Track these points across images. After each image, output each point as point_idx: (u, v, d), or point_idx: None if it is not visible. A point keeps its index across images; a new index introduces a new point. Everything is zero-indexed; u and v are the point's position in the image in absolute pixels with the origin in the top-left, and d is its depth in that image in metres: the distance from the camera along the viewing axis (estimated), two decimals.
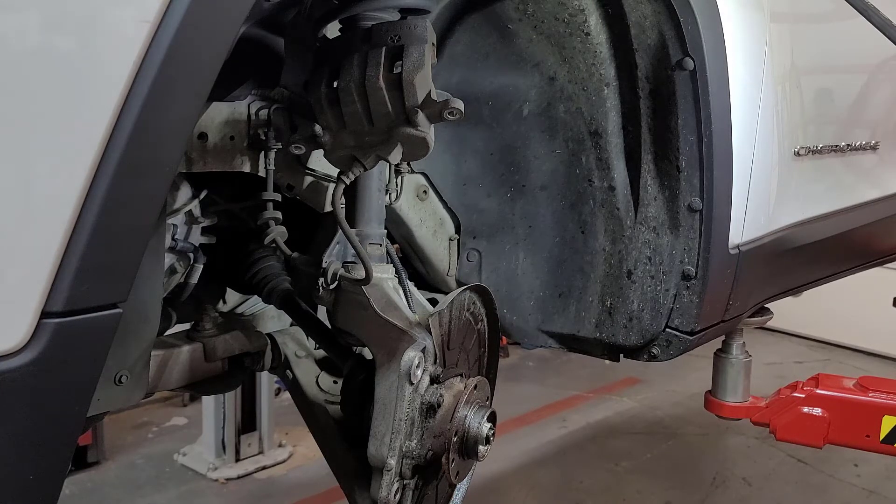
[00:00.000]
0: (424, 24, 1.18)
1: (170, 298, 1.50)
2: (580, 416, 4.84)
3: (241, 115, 1.43)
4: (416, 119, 1.19)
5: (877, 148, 2.41)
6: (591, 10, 1.66)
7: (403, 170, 1.78)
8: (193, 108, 0.87)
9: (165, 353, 1.46)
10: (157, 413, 4.74)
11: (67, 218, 0.77)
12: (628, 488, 3.91)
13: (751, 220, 1.82)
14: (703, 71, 1.58)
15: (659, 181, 1.73)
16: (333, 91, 1.24)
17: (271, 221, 1.47)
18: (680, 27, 1.57)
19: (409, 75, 1.16)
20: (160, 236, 1.30)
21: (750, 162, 1.78)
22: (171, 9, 0.80)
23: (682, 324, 1.75)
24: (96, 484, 3.90)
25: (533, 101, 1.82)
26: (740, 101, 1.70)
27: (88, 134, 0.77)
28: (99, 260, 0.80)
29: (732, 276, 1.80)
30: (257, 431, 4.21)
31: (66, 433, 0.84)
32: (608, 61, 1.72)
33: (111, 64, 0.78)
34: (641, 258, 1.78)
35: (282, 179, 1.53)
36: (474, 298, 1.42)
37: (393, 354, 1.28)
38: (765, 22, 1.84)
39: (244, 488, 3.94)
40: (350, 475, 1.49)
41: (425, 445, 1.26)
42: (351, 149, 1.28)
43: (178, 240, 1.43)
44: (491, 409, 1.31)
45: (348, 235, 1.29)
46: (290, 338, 1.72)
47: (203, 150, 1.38)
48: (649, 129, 1.72)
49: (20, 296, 0.76)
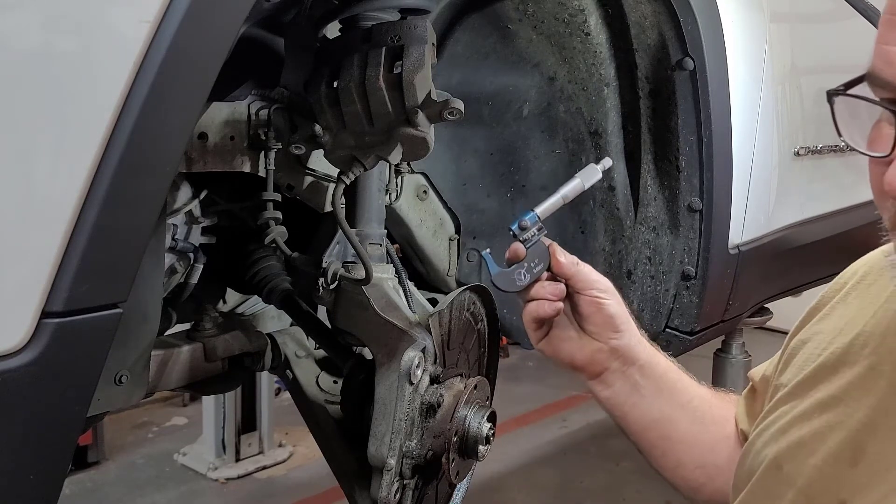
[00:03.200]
0: (424, 24, 1.18)
1: (170, 298, 1.50)
2: (580, 416, 4.84)
3: (241, 115, 1.43)
4: (416, 119, 1.19)
5: None
6: (591, 10, 1.66)
7: (403, 170, 1.78)
8: (193, 108, 0.87)
9: (165, 353, 1.46)
10: (157, 413, 4.74)
11: (67, 218, 0.77)
12: (628, 488, 3.91)
13: (751, 219, 1.82)
14: (703, 71, 1.58)
15: (659, 181, 1.73)
16: (333, 91, 1.24)
17: (271, 221, 1.47)
18: (680, 27, 1.57)
19: (409, 75, 1.16)
20: (160, 236, 1.30)
21: (750, 162, 1.78)
22: (170, 9, 0.79)
23: (681, 324, 1.75)
24: (96, 484, 3.90)
25: (533, 101, 1.82)
26: (740, 101, 1.70)
27: (88, 134, 0.77)
28: (99, 260, 0.80)
29: (732, 276, 1.80)
30: (257, 431, 4.21)
31: (66, 433, 0.84)
32: (608, 61, 1.72)
33: (111, 64, 0.78)
34: (641, 258, 1.78)
35: (282, 179, 1.53)
36: (474, 298, 1.42)
37: (393, 354, 1.28)
38: (765, 22, 1.84)
39: (244, 488, 3.94)
40: (350, 475, 1.49)
41: (425, 445, 1.27)
42: (351, 149, 1.28)
43: (178, 240, 1.43)
44: (491, 409, 1.31)
45: (348, 235, 1.29)
46: (290, 338, 1.71)
47: (203, 150, 1.38)
48: (649, 129, 1.72)
49: (20, 296, 0.76)
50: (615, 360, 1.14)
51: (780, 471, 0.89)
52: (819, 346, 0.95)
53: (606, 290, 1.13)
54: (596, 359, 1.14)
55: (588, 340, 1.14)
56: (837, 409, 0.86)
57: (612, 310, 1.12)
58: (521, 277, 1.12)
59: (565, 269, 1.11)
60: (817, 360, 0.93)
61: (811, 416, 0.89)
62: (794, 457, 0.88)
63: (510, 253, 1.12)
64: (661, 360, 1.17)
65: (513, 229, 1.14)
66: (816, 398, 0.90)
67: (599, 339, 1.13)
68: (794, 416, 0.91)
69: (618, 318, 1.12)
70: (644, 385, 1.14)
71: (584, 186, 1.20)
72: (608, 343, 1.13)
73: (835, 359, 0.91)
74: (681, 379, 1.17)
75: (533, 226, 1.13)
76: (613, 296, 1.14)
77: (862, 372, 0.87)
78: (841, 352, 0.91)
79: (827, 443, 0.85)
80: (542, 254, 1.13)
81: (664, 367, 1.16)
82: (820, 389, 0.90)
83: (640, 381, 1.14)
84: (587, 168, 1.21)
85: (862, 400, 0.85)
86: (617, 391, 1.15)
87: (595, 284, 1.12)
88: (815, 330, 1.00)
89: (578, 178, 1.20)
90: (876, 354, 0.87)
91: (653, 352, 1.17)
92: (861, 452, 0.81)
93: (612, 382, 1.15)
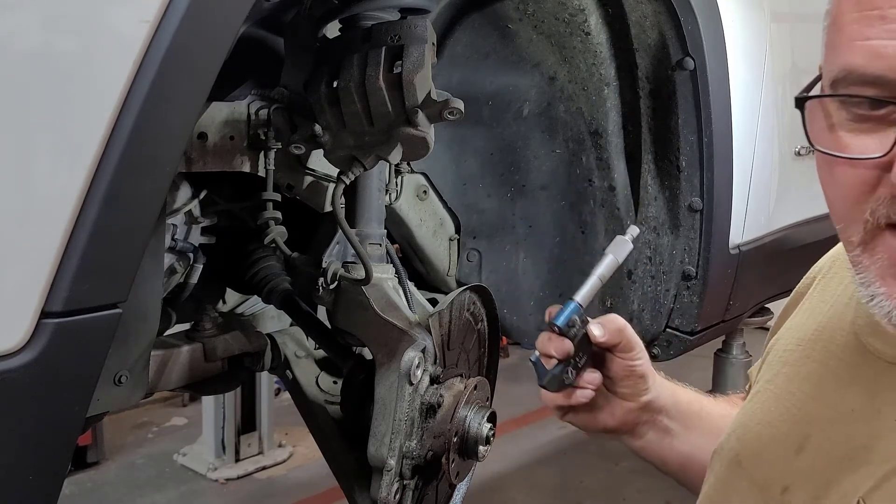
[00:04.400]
0: (424, 24, 1.18)
1: (169, 298, 1.49)
2: None
3: (240, 115, 1.43)
4: (416, 119, 1.19)
5: None
6: (591, 10, 1.66)
7: (403, 170, 1.78)
8: (193, 108, 0.87)
9: (165, 353, 1.46)
10: (157, 413, 4.74)
11: (67, 218, 0.77)
12: (628, 488, 3.91)
13: (751, 219, 1.82)
14: (704, 71, 1.58)
15: (659, 181, 1.73)
16: (333, 91, 1.23)
17: (271, 221, 1.47)
18: (680, 27, 1.57)
19: (409, 75, 1.15)
20: (160, 236, 1.30)
21: (750, 162, 1.78)
22: (170, 8, 0.79)
23: (682, 324, 1.75)
24: (96, 484, 3.89)
25: (533, 100, 1.82)
26: (741, 101, 1.70)
27: (88, 133, 0.77)
28: (99, 260, 0.80)
29: (733, 276, 1.80)
30: (257, 431, 4.20)
31: (65, 433, 0.84)
32: (608, 61, 1.72)
33: (111, 63, 0.78)
34: (642, 258, 1.78)
35: (282, 179, 1.52)
36: (474, 298, 1.42)
37: (393, 355, 1.28)
38: (765, 21, 1.84)
39: (244, 488, 3.94)
40: (350, 475, 1.49)
41: (425, 446, 1.26)
42: (351, 149, 1.28)
43: (177, 240, 1.43)
44: (491, 410, 1.30)
45: (348, 235, 1.29)
46: (290, 338, 1.71)
47: (203, 149, 1.38)
48: (650, 129, 1.72)
49: (20, 296, 0.76)
50: (645, 414, 1.12)
51: (739, 465, 0.91)
52: (788, 343, 0.97)
53: (640, 350, 1.10)
54: (628, 419, 1.12)
55: (617, 403, 1.12)
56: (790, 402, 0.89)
57: (643, 369, 1.10)
58: (569, 376, 1.04)
59: (611, 342, 1.07)
60: (783, 357, 0.96)
61: (770, 410, 0.91)
62: (751, 449, 0.91)
63: (558, 352, 1.04)
64: (682, 395, 1.17)
65: (559, 326, 1.03)
66: (776, 393, 0.93)
67: (630, 399, 1.11)
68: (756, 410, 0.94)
69: (648, 376, 1.10)
70: (673, 427, 1.14)
71: (618, 262, 1.14)
72: (638, 402, 1.11)
73: (797, 354, 0.93)
74: (702, 406, 1.17)
75: (579, 319, 1.05)
76: (643, 353, 1.11)
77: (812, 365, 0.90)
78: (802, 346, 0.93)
79: (777, 435, 0.88)
80: (584, 344, 1.05)
81: (686, 401, 1.16)
82: (779, 385, 0.93)
83: (670, 425, 1.14)
84: (616, 241, 1.15)
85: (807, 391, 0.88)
86: (649, 440, 1.15)
87: (633, 348, 1.09)
88: (787, 327, 1.01)
89: (611, 255, 1.13)
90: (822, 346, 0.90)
91: (673, 389, 1.16)
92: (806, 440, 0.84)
93: (643, 434, 1.14)
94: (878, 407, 0.79)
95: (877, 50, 0.66)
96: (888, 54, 0.65)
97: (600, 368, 1.09)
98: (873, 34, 0.67)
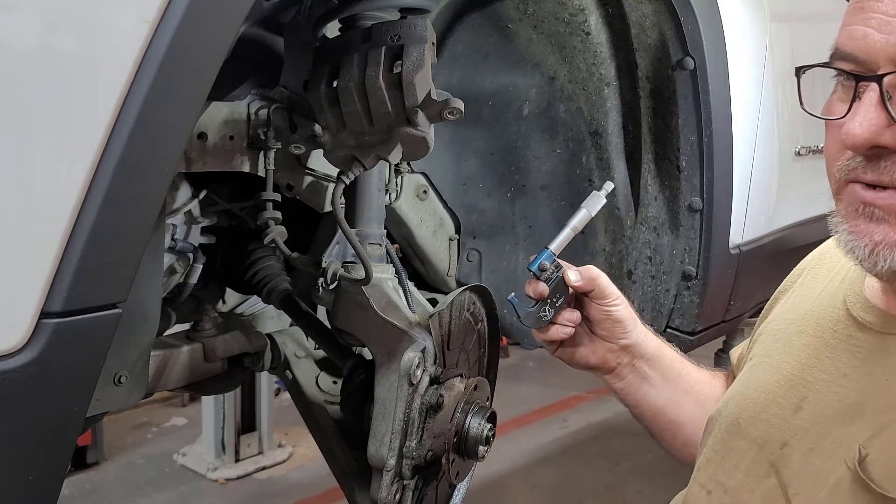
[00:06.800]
0: (424, 24, 1.18)
1: (169, 298, 1.49)
2: (580, 416, 4.84)
3: (240, 115, 1.43)
4: (416, 119, 1.19)
5: None
6: (591, 10, 1.66)
7: (403, 170, 1.78)
8: (193, 108, 0.87)
9: (165, 353, 1.46)
10: (157, 413, 4.74)
11: (67, 218, 0.77)
12: (628, 488, 3.91)
13: (751, 219, 1.82)
14: (704, 70, 1.58)
15: (659, 181, 1.73)
16: (333, 91, 1.23)
17: (271, 221, 1.47)
18: (680, 27, 1.57)
19: (409, 75, 1.15)
20: (160, 236, 1.30)
21: (751, 162, 1.78)
22: (170, 8, 0.79)
23: (682, 324, 1.75)
24: (96, 484, 3.89)
25: (533, 100, 1.82)
26: (741, 101, 1.70)
27: (88, 133, 0.77)
28: (98, 260, 0.80)
29: (733, 277, 1.80)
30: (257, 432, 4.21)
31: (65, 433, 0.84)
32: (608, 61, 1.71)
33: (111, 63, 0.78)
34: (642, 258, 1.78)
35: (281, 179, 1.52)
36: (474, 298, 1.42)
37: (393, 355, 1.28)
38: (765, 21, 1.84)
39: (244, 489, 3.94)
40: (350, 475, 1.49)
41: (425, 446, 1.26)
42: (351, 149, 1.27)
43: (177, 240, 1.43)
44: (491, 410, 1.30)
45: (348, 235, 1.29)
46: (290, 338, 1.71)
47: (203, 149, 1.38)
48: (650, 129, 1.72)
49: (19, 296, 0.76)
50: (625, 356, 1.26)
51: (738, 426, 1.01)
52: (780, 323, 1.10)
53: (616, 298, 1.23)
54: (608, 358, 1.26)
55: (599, 342, 1.26)
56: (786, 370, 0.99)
57: (620, 314, 1.23)
58: (546, 314, 1.20)
59: (585, 287, 1.21)
60: (776, 334, 1.08)
61: (767, 378, 1.02)
62: (749, 411, 1.01)
63: (534, 293, 1.19)
64: (667, 351, 1.30)
65: (532, 270, 1.19)
66: (771, 364, 1.04)
67: (609, 341, 1.25)
68: (753, 380, 1.05)
69: (625, 321, 1.24)
70: (652, 375, 1.27)
71: (590, 215, 1.27)
72: (618, 343, 1.25)
73: (791, 330, 1.04)
74: (684, 366, 1.30)
75: (551, 264, 1.19)
76: (621, 301, 1.24)
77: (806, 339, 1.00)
78: (795, 324, 1.05)
79: (775, 398, 0.98)
80: (561, 287, 1.19)
81: (669, 357, 1.29)
82: (775, 357, 1.04)
83: (649, 373, 1.27)
84: (591, 196, 1.28)
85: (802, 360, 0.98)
86: (629, 383, 1.28)
87: (608, 296, 1.22)
88: (777, 311, 1.15)
89: (584, 209, 1.27)
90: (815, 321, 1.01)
91: (658, 344, 1.29)
92: (803, 401, 0.94)
93: (623, 375, 1.27)
94: (869, 369, 0.89)
95: (852, 33, 0.83)
96: (858, 37, 0.82)
97: (581, 311, 1.24)
98: (854, 21, 0.84)
